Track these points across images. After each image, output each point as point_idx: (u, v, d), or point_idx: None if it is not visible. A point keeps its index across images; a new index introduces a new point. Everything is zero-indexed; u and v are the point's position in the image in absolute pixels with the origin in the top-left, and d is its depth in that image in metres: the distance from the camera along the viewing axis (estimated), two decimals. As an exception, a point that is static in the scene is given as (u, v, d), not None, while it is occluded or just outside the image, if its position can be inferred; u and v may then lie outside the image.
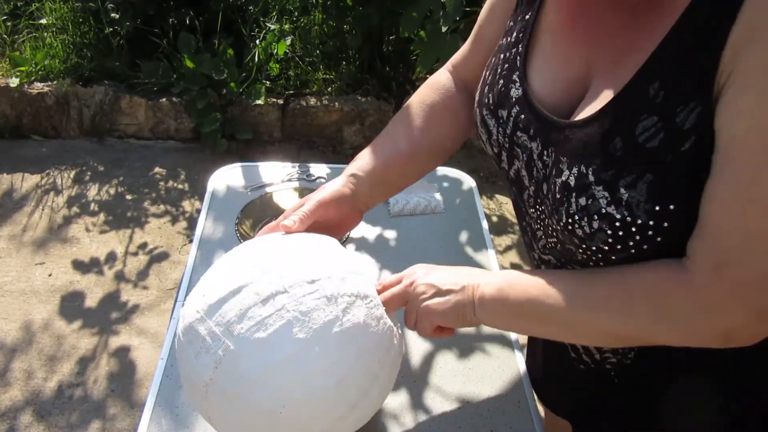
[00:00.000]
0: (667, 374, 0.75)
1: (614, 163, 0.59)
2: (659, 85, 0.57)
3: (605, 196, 0.60)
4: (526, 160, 0.72)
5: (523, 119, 0.71)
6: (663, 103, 0.57)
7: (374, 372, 0.73)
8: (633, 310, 0.63)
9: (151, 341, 2.05)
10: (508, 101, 0.73)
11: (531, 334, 0.88)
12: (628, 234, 0.60)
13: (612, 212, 0.59)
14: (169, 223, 2.54)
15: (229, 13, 2.97)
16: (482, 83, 0.79)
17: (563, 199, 0.64)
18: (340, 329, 0.70)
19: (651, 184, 0.57)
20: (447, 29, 2.25)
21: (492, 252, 1.25)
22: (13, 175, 2.73)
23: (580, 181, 0.62)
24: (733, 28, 0.51)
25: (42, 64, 2.92)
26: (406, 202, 1.32)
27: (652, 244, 0.60)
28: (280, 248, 0.76)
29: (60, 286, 2.22)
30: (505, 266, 2.42)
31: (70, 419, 1.80)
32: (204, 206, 1.32)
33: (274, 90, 2.99)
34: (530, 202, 0.74)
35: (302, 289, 0.70)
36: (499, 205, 2.76)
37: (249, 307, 0.69)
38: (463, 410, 0.95)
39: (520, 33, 0.74)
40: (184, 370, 0.74)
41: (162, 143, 3.00)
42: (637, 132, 0.58)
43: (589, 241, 0.63)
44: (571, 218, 0.63)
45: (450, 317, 0.74)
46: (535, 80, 0.71)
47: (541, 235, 0.74)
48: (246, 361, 0.68)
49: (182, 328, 0.74)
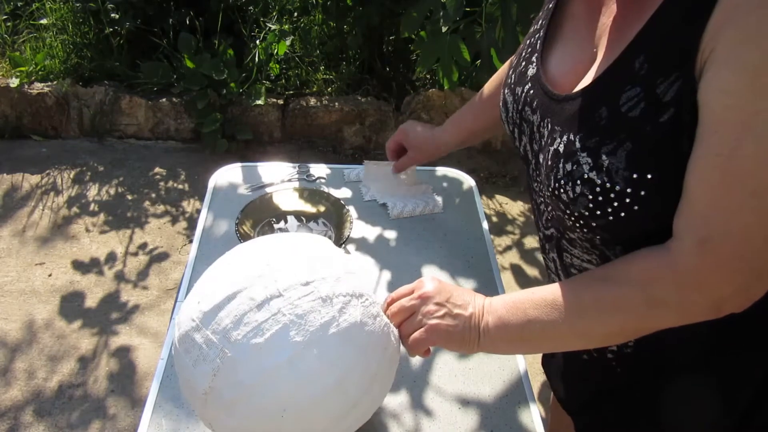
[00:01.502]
0: (668, 363, 0.76)
1: (598, 131, 0.62)
2: (644, 58, 0.60)
3: (588, 162, 0.63)
4: (529, 134, 0.76)
5: (531, 95, 0.75)
6: (646, 75, 0.59)
7: (373, 370, 0.73)
8: (624, 306, 0.65)
9: (151, 341, 2.05)
10: (524, 79, 0.78)
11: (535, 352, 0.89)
12: (607, 200, 0.62)
13: (593, 177, 0.62)
14: (169, 223, 2.54)
15: (229, 14, 2.97)
16: (511, 67, 0.84)
17: (553, 165, 0.67)
18: (337, 330, 0.70)
19: (630, 152, 0.60)
20: (447, 29, 2.25)
21: (492, 252, 1.25)
22: (14, 175, 2.73)
23: (568, 148, 0.65)
24: (715, 7, 0.53)
25: (42, 64, 2.92)
26: (404, 205, 1.32)
27: (630, 213, 0.62)
28: (274, 251, 0.76)
29: (60, 286, 2.23)
30: (505, 266, 2.42)
31: (71, 419, 1.80)
32: (204, 206, 1.32)
33: (274, 90, 2.99)
34: (534, 176, 0.76)
35: (297, 292, 0.70)
36: (499, 205, 2.76)
37: (245, 312, 0.69)
38: (463, 410, 0.95)
39: (543, 20, 0.80)
40: (183, 378, 0.74)
41: (162, 143, 3.00)
42: (621, 102, 0.61)
43: (573, 205, 0.65)
44: (558, 183, 0.66)
45: (455, 341, 0.74)
46: (551, 61, 0.76)
47: (543, 209, 0.77)
48: (244, 367, 0.68)
49: (178, 337, 0.73)
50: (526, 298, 0.72)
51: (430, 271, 1.19)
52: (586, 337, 0.70)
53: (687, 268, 0.60)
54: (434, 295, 0.76)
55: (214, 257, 1.23)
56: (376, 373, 0.74)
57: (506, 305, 0.72)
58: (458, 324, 0.73)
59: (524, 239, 2.57)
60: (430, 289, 0.76)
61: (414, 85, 3.09)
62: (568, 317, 0.68)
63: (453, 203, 1.37)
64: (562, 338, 0.71)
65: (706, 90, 0.55)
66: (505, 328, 0.72)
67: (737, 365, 0.76)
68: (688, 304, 0.63)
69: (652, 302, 0.64)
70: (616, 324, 0.67)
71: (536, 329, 0.70)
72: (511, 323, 0.71)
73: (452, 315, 0.74)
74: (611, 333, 0.69)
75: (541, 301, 0.70)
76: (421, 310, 0.75)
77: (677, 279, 0.61)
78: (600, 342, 0.72)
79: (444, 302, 0.75)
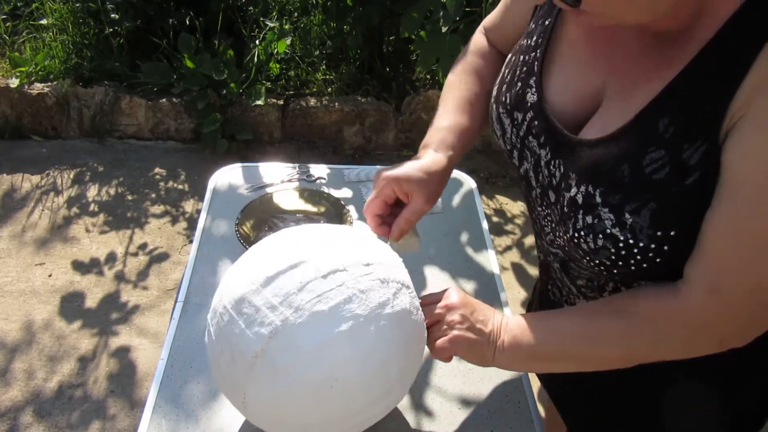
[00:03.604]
0: (664, 364, 0.76)
1: (621, 189, 0.62)
2: (669, 121, 0.59)
3: (611, 218, 0.63)
4: (533, 164, 0.75)
5: (536, 126, 0.73)
6: (671, 139, 0.59)
7: (411, 358, 0.75)
8: (632, 338, 0.68)
9: (151, 341, 2.05)
10: (524, 105, 0.75)
11: (546, 371, 0.93)
12: (630, 254, 0.63)
13: (616, 233, 0.63)
14: (169, 224, 2.54)
15: (229, 14, 2.97)
16: (500, 80, 0.81)
17: (570, 213, 0.67)
18: (392, 311, 0.72)
19: (654, 211, 0.60)
20: (447, 29, 2.25)
21: (492, 252, 1.25)
22: (14, 175, 2.73)
23: (588, 201, 0.65)
24: (748, 75, 0.54)
25: (42, 64, 2.92)
26: (405, 203, 1.32)
27: (652, 264, 0.63)
28: (333, 234, 0.78)
29: (60, 286, 2.23)
30: (506, 266, 2.42)
31: (71, 419, 1.80)
32: (204, 206, 1.32)
33: (274, 90, 2.99)
34: (537, 201, 0.77)
35: (359, 270, 0.72)
36: (499, 205, 2.76)
37: (309, 280, 0.70)
38: (463, 410, 0.95)
39: (540, 38, 0.76)
40: (228, 343, 0.72)
41: (162, 144, 3.00)
42: (644, 163, 0.61)
43: (593, 255, 0.67)
44: (577, 233, 0.67)
45: (474, 353, 0.76)
46: (550, 87, 0.74)
47: (549, 231, 0.78)
48: (304, 332, 0.68)
49: (231, 300, 0.73)
50: (540, 323, 0.75)
51: (430, 271, 1.19)
52: (593, 364, 0.74)
53: (695, 312, 0.63)
54: (460, 307, 0.77)
55: (214, 257, 1.24)
56: (411, 364, 0.76)
57: (521, 327, 0.75)
58: (479, 339, 0.75)
59: (524, 239, 2.57)
60: (455, 300, 0.78)
61: (414, 85, 3.09)
62: (578, 345, 0.71)
63: (453, 203, 1.37)
64: (572, 362, 0.75)
65: (732, 152, 0.56)
66: (519, 349, 0.74)
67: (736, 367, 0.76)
68: (694, 342, 0.66)
69: (660, 337, 0.67)
70: (624, 354, 0.71)
71: (546, 354, 0.74)
72: (523, 345, 0.74)
73: (474, 329, 0.75)
74: (617, 361, 0.72)
75: (553, 328, 0.73)
76: (446, 318, 0.77)
77: (685, 319, 0.64)
78: (606, 367, 0.75)
79: (468, 315, 0.76)
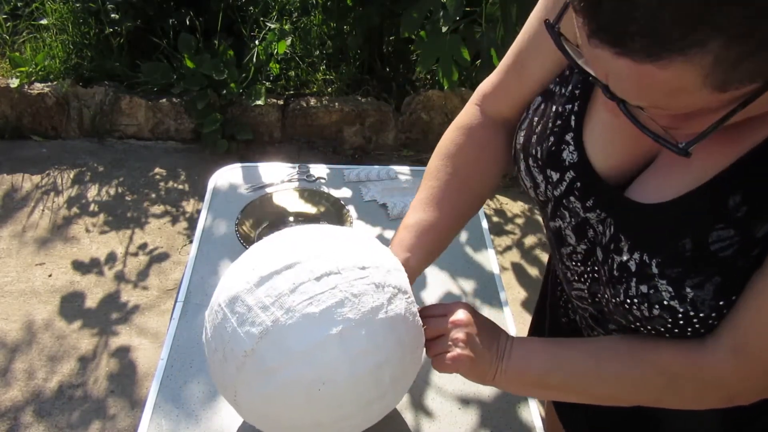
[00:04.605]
0: None
1: (682, 263, 0.59)
2: (741, 199, 0.56)
3: (669, 291, 0.60)
4: (574, 224, 0.70)
5: (580, 187, 0.68)
6: (743, 218, 0.56)
7: (406, 364, 0.75)
8: (643, 387, 0.67)
9: (151, 341, 2.05)
10: (561, 163, 0.69)
11: (545, 399, 0.91)
12: (689, 323, 0.61)
13: (675, 305, 0.60)
14: (169, 224, 2.54)
15: (229, 14, 2.97)
16: (528, 127, 0.74)
17: (621, 279, 0.64)
18: (385, 316, 0.71)
19: (719, 285, 0.58)
20: (447, 29, 2.25)
21: (492, 252, 1.25)
22: (14, 175, 2.73)
23: (642, 270, 0.61)
24: None
25: (42, 64, 2.92)
26: (404, 205, 1.32)
27: (710, 328, 0.62)
28: (331, 235, 0.78)
29: (60, 286, 2.23)
30: (506, 266, 2.42)
31: (71, 419, 1.80)
32: (204, 207, 1.32)
33: (274, 90, 2.99)
34: (572, 257, 0.74)
35: (354, 273, 0.72)
36: (499, 205, 2.76)
37: (302, 282, 0.70)
38: (463, 410, 0.95)
39: (577, 89, 0.68)
40: (221, 340, 0.73)
41: (162, 144, 3.00)
42: (710, 240, 0.57)
43: (646, 322, 0.64)
44: (630, 300, 0.63)
45: (475, 374, 0.75)
46: (589, 144, 0.67)
47: (579, 287, 0.76)
48: (294, 333, 0.68)
49: (226, 299, 0.73)
50: (547, 352, 0.73)
51: (430, 271, 1.19)
52: (594, 399, 0.74)
53: (714, 367, 0.62)
54: (465, 325, 0.75)
55: (214, 257, 1.24)
56: (406, 370, 0.76)
57: (527, 354, 0.73)
58: (481, 361, 0.74)
59: (524, 239, 2.57)
60: (463, 317, 0.75)
61: (414, 86, 3.09)
62: (583, 383, 0.70)
63: (453, 203, 1.37)
64: (573, 395, 0.73)
65: None
66: (522, 376, 0.73)
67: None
68: (704, 396, 0.66)
69: (672, 389, 0.66)
70: (629, 398, 0.70)
71: (550, 384, 0.72)
72: (527, 373, 0.73)
73: (478, 350, 0.74)
74: (620, 401, 0.72)
75: (561, 361, 0.71)
76: (452, 335, 0.75)
77: (703, 377, 0.63)
78: (606, 404, 0.75)
79: (474, 335, 0.74)
